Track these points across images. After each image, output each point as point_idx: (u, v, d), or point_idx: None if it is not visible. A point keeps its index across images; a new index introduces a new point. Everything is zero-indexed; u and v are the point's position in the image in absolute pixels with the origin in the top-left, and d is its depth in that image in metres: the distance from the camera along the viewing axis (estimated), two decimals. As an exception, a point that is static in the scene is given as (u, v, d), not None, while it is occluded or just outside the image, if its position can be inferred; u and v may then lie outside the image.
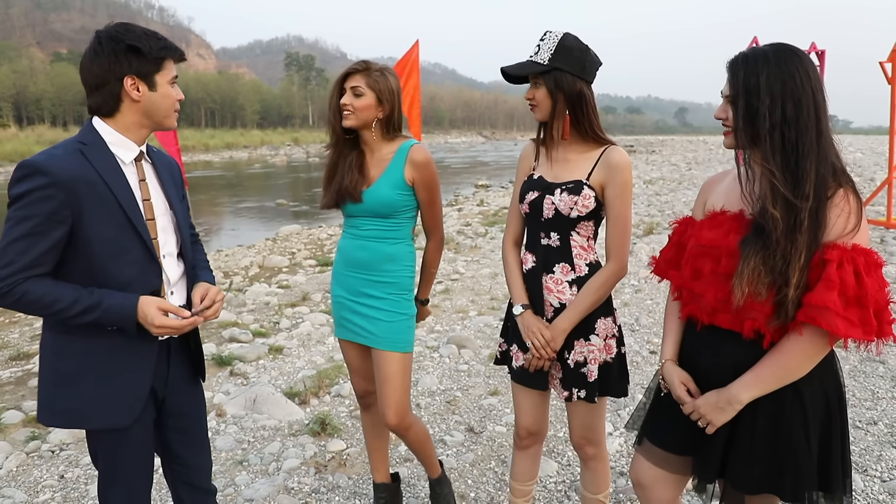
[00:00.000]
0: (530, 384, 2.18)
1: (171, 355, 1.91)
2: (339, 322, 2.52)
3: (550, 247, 2.10)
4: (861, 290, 1.43)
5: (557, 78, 1.99)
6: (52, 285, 1.62)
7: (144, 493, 1.90)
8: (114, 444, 1.80)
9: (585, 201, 2.02)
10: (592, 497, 2.30)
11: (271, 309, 6.60)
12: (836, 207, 1.49)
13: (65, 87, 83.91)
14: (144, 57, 1.69)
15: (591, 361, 2.07)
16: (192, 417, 2.01)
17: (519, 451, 2.36)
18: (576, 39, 2.01)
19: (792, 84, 1.50)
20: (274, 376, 4.61)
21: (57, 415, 1.76)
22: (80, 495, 3.04)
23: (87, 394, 1.73)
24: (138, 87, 1.70)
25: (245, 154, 52.50)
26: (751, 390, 1.57)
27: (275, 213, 16.81)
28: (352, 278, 2.43)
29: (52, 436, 3.66)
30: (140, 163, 1.80)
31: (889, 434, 3.50)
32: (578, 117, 2.04)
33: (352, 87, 2.30)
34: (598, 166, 2.04)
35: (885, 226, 9.96)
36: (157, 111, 1.76)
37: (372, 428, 2.68)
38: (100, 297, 1.64)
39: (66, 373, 1.73)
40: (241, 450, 3.49)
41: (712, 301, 1.62)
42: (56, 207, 1.59)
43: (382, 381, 2.40)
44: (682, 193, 16.21)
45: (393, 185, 2.32)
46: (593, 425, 2.19)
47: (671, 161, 31.63)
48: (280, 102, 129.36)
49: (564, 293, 2.09)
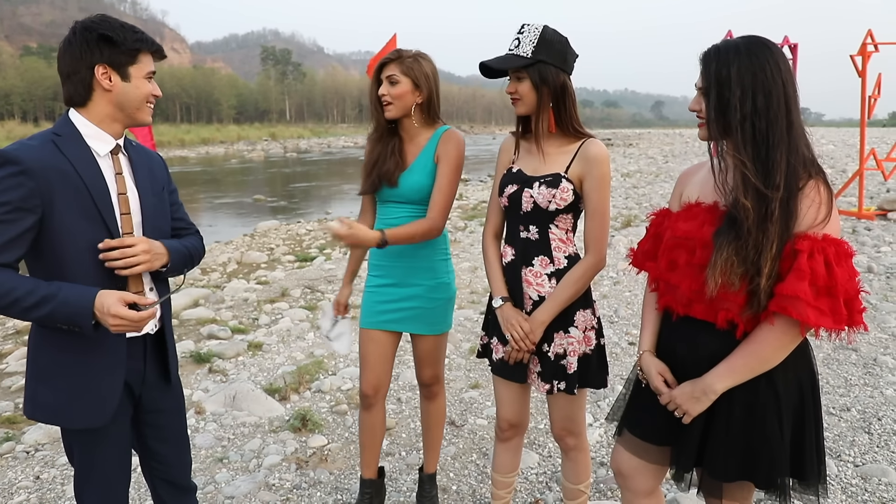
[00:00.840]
0: (510, 377, 2.19)
1: (148, 352, 1.88)
2: (371, 311, 2.50)
3: (529, 240, 2.11)
4: (831, 279, 1.45)
5: (542, 71, 1.99)
6: (10, 275, 1.58)
7: (122, 491, 1.88)
8: (89, 441, 1.78)
9: (563, 194, 2.03)
10: (573, 487, 2.32)
11: (250, 305, 6.55)
12: (807, 198, 1.51)
13: (35, 82, 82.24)
14: (117, 47, 1.68)
15: (571, 353, 2.08)
16: (171, 414, 1.99)
17: (500, 444, 2.37)
18: (555, 32, 2.01)
19: (762, 76, 1.52)
20: (253, 373, 4.58)
21: (38, 409, 1.74)
22: (56, 496, 3.00)
23: (62, 391, 1.71)
24: (110, 77, 1.69)
25: (221, 149, 51.90)
26: (725, 380, 1.59)
27: (252, 208, 16.65)
28: (389, 267, 2.46)
29: (26, 436, 3.60)
30: (116, 156, 1.78)
31: (861, 420, 3.58)
32: (560, 110, 2.04)
33: (387, 77, 2.32)
34: (577, 159, 2.05)
35: (856, 216, 10.16)
36: (129, 103, 1.74)
37: (370, 429, 2.65)
38: (58, 288, 1.59)
39: (43, 367, 1.72)
40: (221, 447, 3.46)
41: (687, 292, 1.64)
42: (26, 195, 1.57)
43: (422, 359, 2.58)
44: (660, 186, 16.37)
45: (426, 170, 2.37)
46: (574, 416, 2.21)
47: (648, 154, 31.91)
48: (257, 97, 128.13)
49: (544, 286, 2.09)
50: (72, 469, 3.22)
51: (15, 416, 4.00)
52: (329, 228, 2.12)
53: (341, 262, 8.53)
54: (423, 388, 2.68)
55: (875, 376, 4.17)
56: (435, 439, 2.76)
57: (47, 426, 3.67)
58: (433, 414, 2.73)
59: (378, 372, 2.54)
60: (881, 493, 2.85)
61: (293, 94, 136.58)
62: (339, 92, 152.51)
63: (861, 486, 2.91)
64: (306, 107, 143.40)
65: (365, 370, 2.57)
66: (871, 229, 9.23)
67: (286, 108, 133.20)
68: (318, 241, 10.87)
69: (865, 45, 9.89)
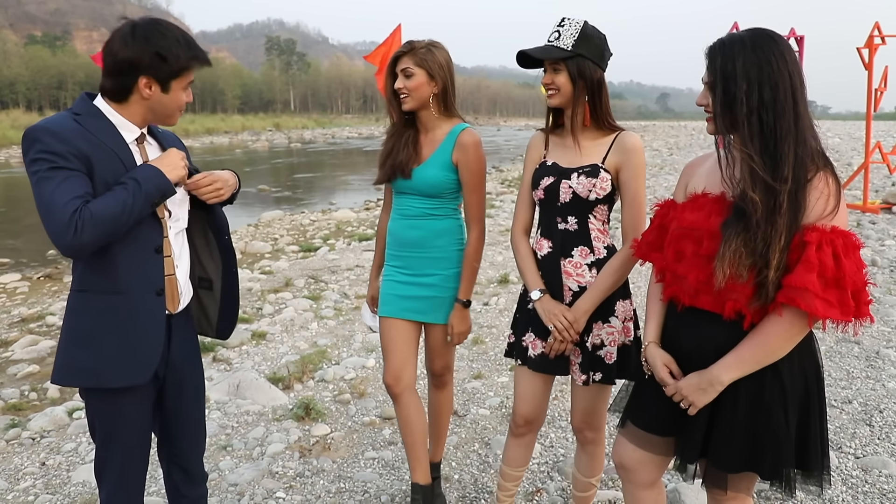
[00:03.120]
0: (551, 370, 2.18)
1: (173, 335, 1.92)
2: (389, 300, 2.50)
3: (568, 231, 2.11)
4: (839, 271, 1.45)
5: (580, 64, 2.01)
6: (103, 198, 1.62)
7: (140, 472, 1.92)
8: (112, 417, 1.82)
9: (603, 184, 2.05)
10: (585, 480, 2.32)
11: (254, 295, 6.57)
12: (816, 190, 1.51)
13: (39, 71, 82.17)
14: (168, 66, 1.71)
15: (610, 343, 2.09)
16: (191, 399, 2.03)
17: (514, 438, 2.36)
18: (595, 28, 2.04)
19: (768, 69, 1.51)
20: (257, 362, 4.60)
21: (75, 375, 1.77)
22: (62, 482, 3.03)
23: (104, 352, 1.74)
24: (151, 87, 1.73)
25: (226, 139, 51.84)
26: (732, 371, 1.59)
27: (257, 198, 16.65)
28: (404, 258, 2.48)
29: (32, 423, 3.63)
30: (142, 145, 1.82)
31: (863, 412, 3.58)
32: (596, 104, 2.07)
33: (402, 70, 2.33)
34: (613, 150, 2.07)
35: (861, 209, 10.12)
36: (163, 110, 1.79)
37: (404, 424, 2.52)
38: (129, 176, 1.66)
39: (83, 329, 1.75)
40: (225, 435, 3.48)
41: (694, 283, 1.64)
42: (74, 153, 1.62)
43: (434, 349, 2.57)
44: (664, 178, 16.32)
45: (440, 166, 2.38)
46: (596, 410, 2.22)
47: (653, 146, 31.78)
48: (261, 87, 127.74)
49: (584, 276, 2.10)
50: (77, 455, 3.26)
51: (21, 403, 4.03)
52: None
53: (345, 253, 8.55)
54: (434, 377, 2.67)
55: (877, 369, 4.17)
56: (442, 429, 2.77)
57: (52, 413, 3.70)
58: (442, 404, 2.73)
59: (400, 359, 2.48)
60: (881, 485, 2.86)
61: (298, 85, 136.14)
62: (344, 82, 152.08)
63: (861, 478, 2.92)
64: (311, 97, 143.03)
65: (386, 359, 2.52)
66: (876, 223, 9.20)
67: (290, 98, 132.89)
68: (322, 231, 10.88)
69: (872, 37, 9.82)
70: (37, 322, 5.96)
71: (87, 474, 3.04)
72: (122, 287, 1.74)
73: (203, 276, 2.05)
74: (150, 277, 1.78)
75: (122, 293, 1.74)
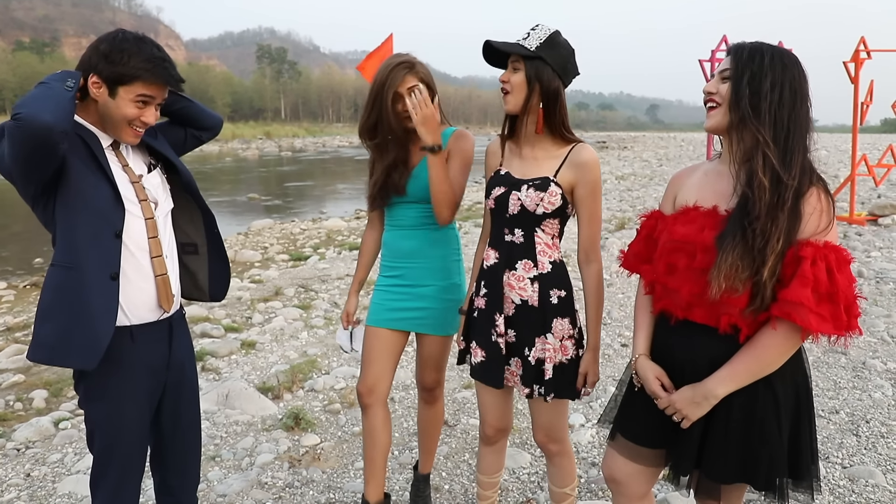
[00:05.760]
0: (488, 381, 2.17)
1: (173, 335, 1.92)
2: (380, 309, 2.47)
3: (514, 243, 2.08)
4: (833, 286, 1.47)
5: (538, 67, 1.97)
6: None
7: (136, 483, 1.91)
8: (115, 424, 1.82)
9: (552, 198, 2.01)
10: (559, 491, 2.33)
11: (243, 304, 6.54)
12: (810, 205, 1.53)
13: (27, 77, 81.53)
14: (114, 67, 1.73)
15: (548, 360, 2.06)
16: (188, 401, 2.04)
17: (486, 447, 2.36)
18: (565, 40, 2.02)
19: (792, 72, 1.57)
20: (246, 371, 4.57)
21: (38, 349, 1.77)
22: (48, 493, 2.99)
23: (59, 329, 1.74)
24: (99, 88, 1.76)
25: (216, 147, 51.63)
26: (726, 385, 1.59)
27: (246, 207, 16.60)
28: (400, 268, 2.44)
29: (17, 433, 3.58)
30: (118, 150, 1.85)
31: (850, 422, 3.61)
32: (550, 113, 2.02)
33: (409, 89, 2.26)
34: (566, 164, 2.04)
35: (847, 221, 10.23)
36: (109, 118, 1.80)
37: (367, 434, 2.49)
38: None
39: (45, 302, 1.76)
40: (214, 445, 3.45)
41: (687, 296, 1.64)
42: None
43: (425, 360, 2.53)
44: (654, 189, 16.42)
45: None
46: (555, 423, 2.19)
47: (642, 157, 32.00)
48: (252, 95, 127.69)
49: (526, 289, 2.07)
50: (63, 466, 3.22)
51: (5, 414, 3.99)
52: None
53: (335, 262, 8.53)
54: (425, 391, 2.62)
55: (864, 380, 4.21)
56: (432, 442, 2.74)
57: (37, 424, 3.66)
58: (432, 419, 2.69)
59: (376, 370, 2.44)
60: (868, 495, 2.88)
61: (288, 93, 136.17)
62: (335, 91, 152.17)
63: (848, 488, 2.94)
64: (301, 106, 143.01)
65: (364, 368, 2.48)
66: (862, 234, 9.30)
67: (281, 106, 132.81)
68: (313, 240, 10.86)
69: (858, 51, 9.97)
70: (22, 331, 5.90)
71: (74, 485, 3.00)
72: (78, 262, 1.73)
73: (186, 241, 2.04)
74: (106, 259, 1.76)
75: (76, 268, 1.74)
